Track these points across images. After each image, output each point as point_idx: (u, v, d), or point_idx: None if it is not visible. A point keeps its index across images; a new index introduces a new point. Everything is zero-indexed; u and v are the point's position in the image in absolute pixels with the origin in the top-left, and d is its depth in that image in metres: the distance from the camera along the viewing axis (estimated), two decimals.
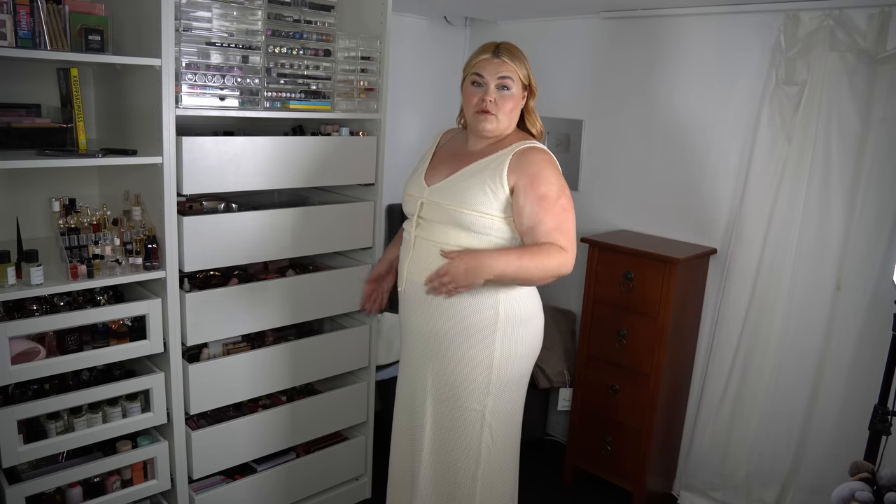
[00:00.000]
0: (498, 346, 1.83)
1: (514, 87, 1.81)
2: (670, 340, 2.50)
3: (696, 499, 2.69)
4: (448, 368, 1.86)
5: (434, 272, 1.71)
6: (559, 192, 1.75)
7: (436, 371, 1.88)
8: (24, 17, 1.67)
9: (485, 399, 1.86)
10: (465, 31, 3.39)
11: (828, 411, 2.33)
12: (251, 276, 2.36)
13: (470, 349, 1.83)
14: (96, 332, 1.91)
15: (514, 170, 1.76)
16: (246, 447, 2.27)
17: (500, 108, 1.80)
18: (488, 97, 1.79)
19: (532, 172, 1.74)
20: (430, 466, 1.93)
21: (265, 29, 2.04)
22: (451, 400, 1.87)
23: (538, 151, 1.80)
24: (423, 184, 1.89)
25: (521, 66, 1.82)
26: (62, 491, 1.94)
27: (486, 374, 1.84)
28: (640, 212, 2.84)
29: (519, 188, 1.75)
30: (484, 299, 1.80)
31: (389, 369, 2.71)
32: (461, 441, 1.89)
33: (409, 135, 3.25)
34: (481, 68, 1.81)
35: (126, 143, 2.03)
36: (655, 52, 2.70)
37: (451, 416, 1.88)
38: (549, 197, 1.73)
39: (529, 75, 1.85)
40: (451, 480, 1.91)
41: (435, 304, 1.82)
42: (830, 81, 2.22)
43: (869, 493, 1.56)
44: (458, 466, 1.90)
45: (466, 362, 1.84)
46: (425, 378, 1.91)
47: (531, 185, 1.73)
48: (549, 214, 1.73)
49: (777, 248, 2.39)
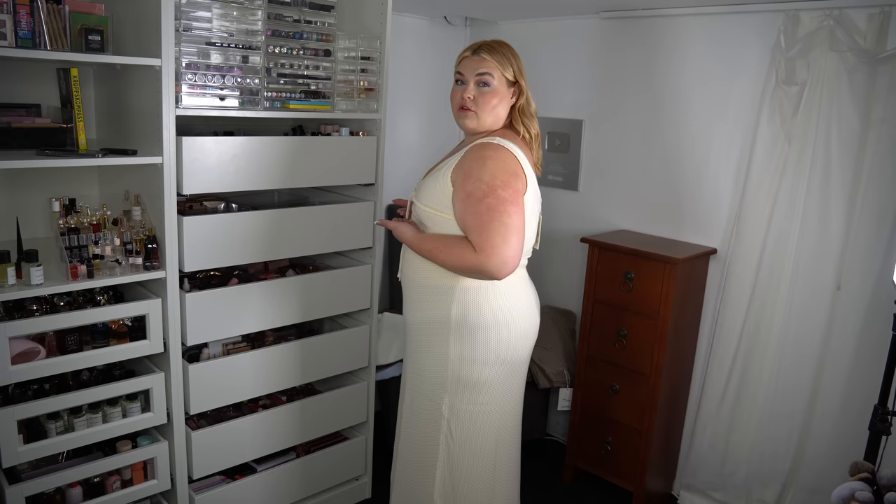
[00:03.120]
0: (452, 346, 1.82)
1: (495, 82, 1.76)
2: (670, 340, 2.50)
3: (696, 499, 2.69)
4: (415, 357, 1.92)
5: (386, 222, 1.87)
6: (487, 191, 1.65)
7: (409, 359, 1.95)
8: (24, 17, 1.67)
9: (442, 394, 1.86)
10: (465, 31, 3.39)
11: (828, 411, 2.33)
12: (251, 276, 2.36)
13: (430, 342, 1.86)
14: (96, 332, 1.91)
15: (459, 165, 1.73)
16: (246, 447, 2.27)
17: (480, 105, 1.77)
18: (467, 94, 1.78)
19: (467, 169, 1.70)
20: (401, 454, 2.01)
21: (265, 29, 2.04)
22: (416, 388, 1.93)
23: (485, 147, 1.72)
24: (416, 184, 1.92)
25: (505, 61, 1.77)
26: (62, 491, 1.94)
27: (441, 369, 1.84)
28: (640, 212, 2.84)
29: (455, 185, 1.72)
30: (442, 298, 1.80)
31: (389, 369, 2.71)
32: (423, 430, 1.92)
33: (409, 135, 3.25)
34: (462, 66, 1.82)
35: (126, 143, 2.03)
36: (655, 52, 2.70)
37: (416, 405, 1.94)
38: (473, 195, 1.66)
39: (516, 72, 1.80)
40: (414, 469, 1.97)
41: (411, 296, 1.89)
42: (830, 81, 2.22)
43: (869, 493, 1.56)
44: (418, 456, 1.94)
45: (427, 354, 1.88)
46: (405, 366, 1.99)
47: (463, 182, 1.69)
48: (472, 213, 1.67)
49: (777, 248, 2.39)
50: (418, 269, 1.85)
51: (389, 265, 3.16)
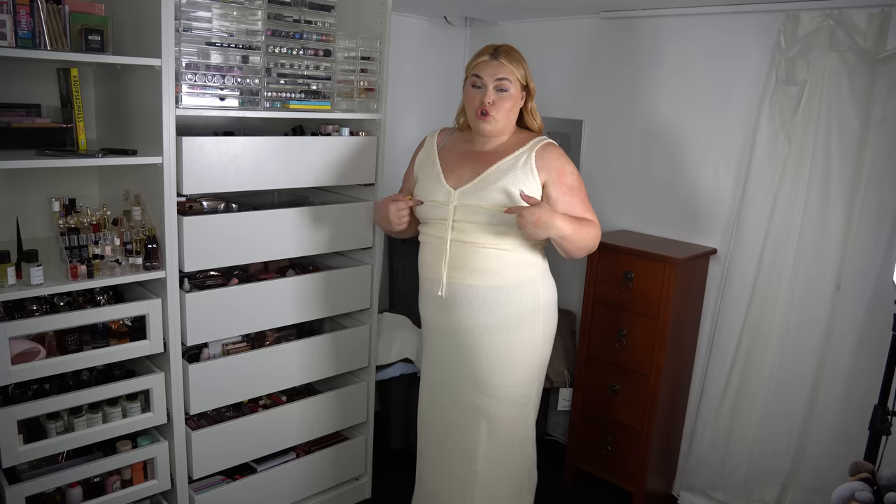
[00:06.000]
0: (539, 330, 1.99)
1: (512, 87, 1.88)
2: (670, 340, 2.50)
3: (696, 499, 2.69)
4: (496, 357, 1.96)
5: (514, 208, 1.82)
6: (580, 180, 1.96)
7: (479, 364, 1.97)
8: (24, 17, 1.67)
9: (532, 383, 2.04)
10: (465, 31, 3.39)
11: (828, 411, 2.33)
12: (251, 276, 2.36)
13: (514, 337, 1.96)
14: (96, 332, 1.91)
15: (542, 166, 1.90)
16: (246, 447, 2.27)
17: (499, 109, 1.88)
18: (487, 99, 1.87)
19: (558, 168, 1.91)
20: (486, 467, 2.05)
21: (265, 29, 2.04)
22: (500, 391, 1.99)
23: (554, 147, 1.95)
24: (447, 188, 1.92)
25: (519, 67, 1.90)
26: (62, 491, 1.94)
27: (531, 357, 2.00)
28: (640, 212, 2.84)
29: (549, 183, 1.90)
30: (529, 288, 1.95)
31: (389, 369, 2.71)
32: (512, 428, 2.04)
33: (409, 135, 3.25)
34: (480, 70, 1.88)
35: (126, 143, 2.03)
36: (655, 53, 2.70)
37: (503, 409, 2.01)
38: (575, 187, 1.93)
39: (527, 76, 1.92)
40: (511, 469, 2.11)
41: (480, 301, 1.92)
42: (830, 81, 2.22)
43: (869, 493, 1.56)
44: (511, 458, 2.09)
45: (514, 348, 1.97)
46: (466, 373, 2.00)
47: (559, 178, 1.90)
48: (579, 201, 1.93)
49: (777, 248, 2.39)
50: (489, 274, 1.90)
51: (389, 265, 3.16)
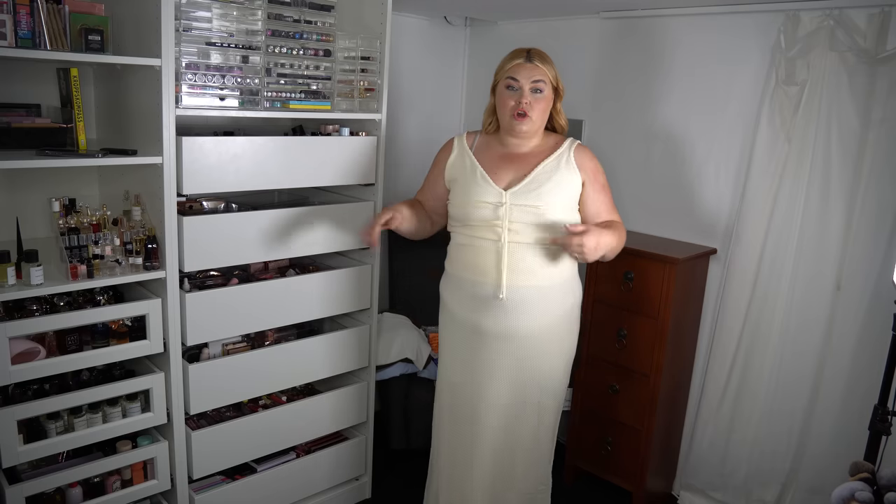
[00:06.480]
0: (576, 325, 2.10)
1: (546, 88, 1.93)
2: (670, 340, 2.50)
3: (696, 499, 2.69)
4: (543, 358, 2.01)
5: (566, 239, 1.84)
6: (606, 180, 2.04)
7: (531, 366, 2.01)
8: (24, 17, 1.67)
9: (567, 376, 2.11)
10: (465, 31, 3.39)
11: (828, 411, 2.33)
12: (251, 276, 2.37)
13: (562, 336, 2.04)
14: (96, 332, 1.91)
15: (581, 165, 1.98)
16: (246, 447, 2.27)
17: (535, 110, 1.92)
18: (524, 100, 1.90)
19: (593, 167, 2.00)
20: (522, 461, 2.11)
21: (265, 29, 2.04)
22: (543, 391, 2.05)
23: (586, 147, 2.04)
24: (497, 189, 1.93)
25: (551, 69, 1.95)
26: (62, 491, 1.94)
27: (570, 351, 2.09)
28: (640, 212, 2.84)
29: (587, 181, 1.98)
30: (572, 285, 2.05)
31: (389, 369, 2.71)
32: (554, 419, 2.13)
33: (409, 135, 3.25)
34: (516, 73, 1.91)
35: (126, 143, 2.03)
36: (655, 53, 2.70)
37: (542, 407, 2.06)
38: (606, 185, 2.03)
39: (557, 78, 1.97)
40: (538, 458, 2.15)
41: (540, 300, 1.96)
42: (830, 81, 2.22)
43: (869, 493, 1.56)
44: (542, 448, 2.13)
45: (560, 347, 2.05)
46: (529, 374, 2.02)
47: (595, 177, 2.00)
48: (609, 199, 2.04)
49: (777, 248, 2.39)
50: (545, 273, 1.95)
51: (390, 265, 3.16)
